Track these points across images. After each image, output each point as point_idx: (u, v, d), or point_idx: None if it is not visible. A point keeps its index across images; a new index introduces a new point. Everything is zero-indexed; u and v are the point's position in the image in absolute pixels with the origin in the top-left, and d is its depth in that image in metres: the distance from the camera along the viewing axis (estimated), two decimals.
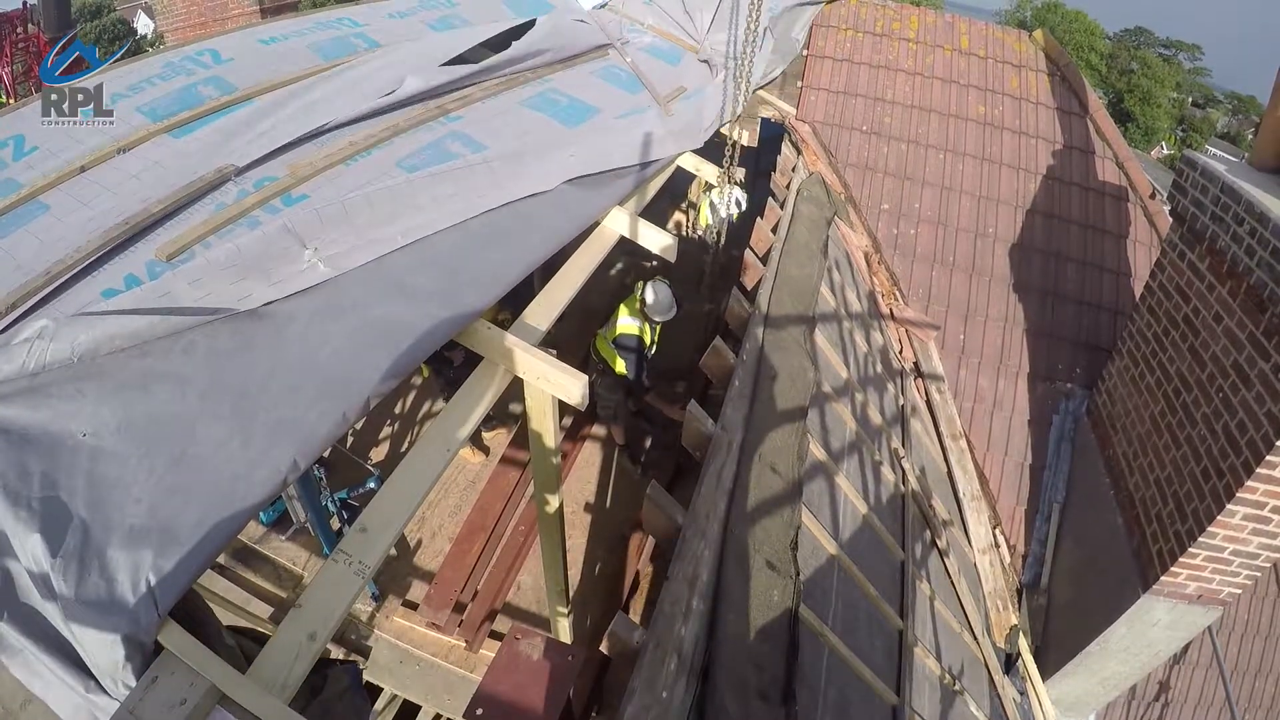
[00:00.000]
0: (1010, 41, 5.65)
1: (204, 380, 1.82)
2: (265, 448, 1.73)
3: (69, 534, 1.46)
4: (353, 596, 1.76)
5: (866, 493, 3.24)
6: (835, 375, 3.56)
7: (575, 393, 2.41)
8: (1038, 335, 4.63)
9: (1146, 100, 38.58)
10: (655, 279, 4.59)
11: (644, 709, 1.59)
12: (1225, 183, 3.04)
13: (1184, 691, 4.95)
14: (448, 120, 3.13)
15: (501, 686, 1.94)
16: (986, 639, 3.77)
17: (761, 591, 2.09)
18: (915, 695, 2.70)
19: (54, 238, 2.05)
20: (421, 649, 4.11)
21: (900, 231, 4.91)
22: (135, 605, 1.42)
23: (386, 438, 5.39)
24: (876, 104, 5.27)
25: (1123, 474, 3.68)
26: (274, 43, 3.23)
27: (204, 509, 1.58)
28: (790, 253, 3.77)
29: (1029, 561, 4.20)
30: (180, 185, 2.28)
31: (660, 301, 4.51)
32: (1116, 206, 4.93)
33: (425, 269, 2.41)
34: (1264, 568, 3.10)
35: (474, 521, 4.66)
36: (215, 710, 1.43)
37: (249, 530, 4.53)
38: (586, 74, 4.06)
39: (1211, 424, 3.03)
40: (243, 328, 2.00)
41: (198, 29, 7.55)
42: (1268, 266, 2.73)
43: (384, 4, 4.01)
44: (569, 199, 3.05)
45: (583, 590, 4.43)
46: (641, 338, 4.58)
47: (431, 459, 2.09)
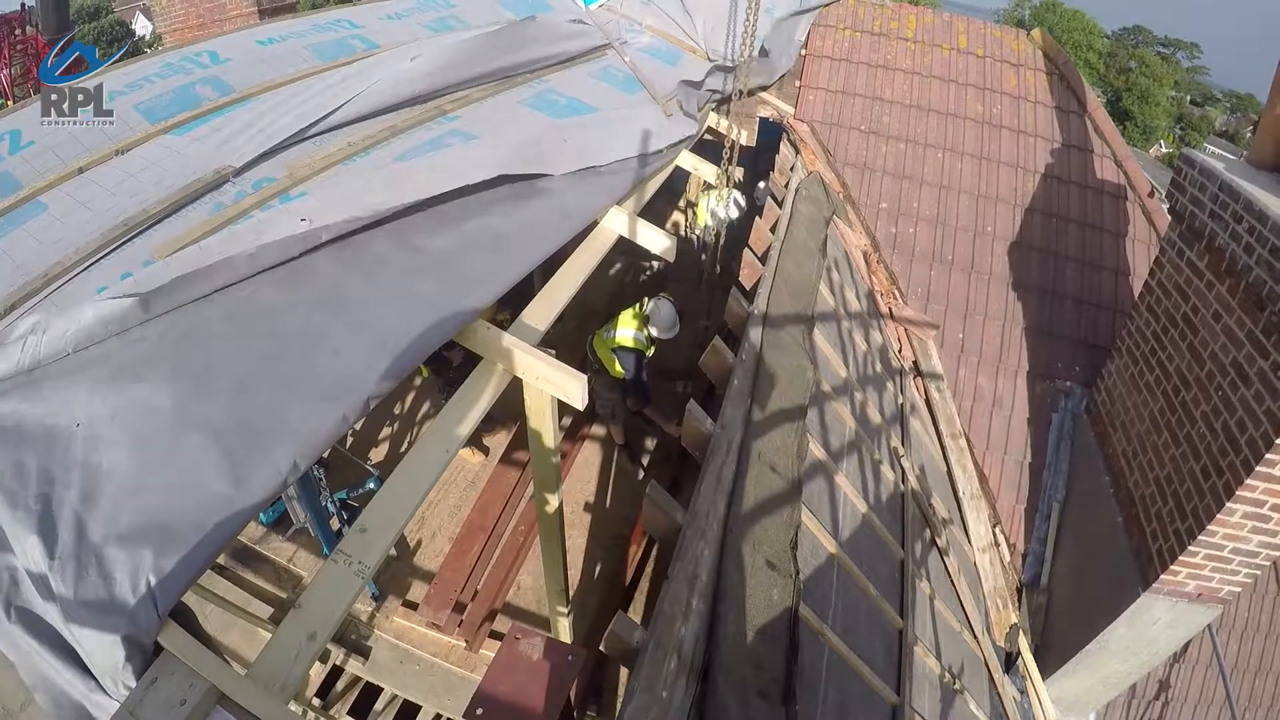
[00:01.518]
0: (1008, 40, 5.65)
1: (198, 366, 1.81)
2: (263, 442, 1.72)
3: (66, 530, 1.46)
4: (353, 596, 1.76)
5: (866, 492, 3.24)
6: (834, 374, 3.56)
7: (575, 393, 2.41)
8: (1037, 334, 4.63)
9: (1145, 98, 38.58)
10: (661, 296, 4.57)
11: (644, 709, 1.59)
12: (1224, 181, 3.04)
13: (1184, 690, 4.95)
14: (446, 120, 3.13)
15: (501, 686, 1.94)
16: (986, 638, 3.77)
17: (761, 591, 2.09)
18: (915, 694, 2.70)
19: (52, 238, 2.05)
20: (421, 649, 4.11)
21: (899, 230, 4.91)
22: (135, 606, 1.42)
23: (386, 438, 5.39)
24: (875, 103, 5.27)
25: (1122, 472, 3.68)
26: (271, 44, 3.23)
27: (202, 507, 1.57)
28: (789, 252, 3.77)
29: (1029, 560, 4.20)
30: (178, 186, 2.28)
31: (664, 319, 4.49)
32: (1115, 205, 4.93)
33: (424, 268, 2.41)
34: (1263, 566, 3.10)
35: (474, 521, 4.66)
36: (215, 710, 1.42)
37: (249, 530, 4.53)
38: (585, 74, 4.06)
39: (1211, 422, 3.03)
40: (238, 316, 1.99)
41: (196, 30, 7.55)
42: (1266, 264, 2.73)
43: (382, 5, 4.01)
44: (567, 199, 3.05)
45: (583, 590, 4.43)
46: (640, 351, 4.57)
47: (431, 459, 2.09)
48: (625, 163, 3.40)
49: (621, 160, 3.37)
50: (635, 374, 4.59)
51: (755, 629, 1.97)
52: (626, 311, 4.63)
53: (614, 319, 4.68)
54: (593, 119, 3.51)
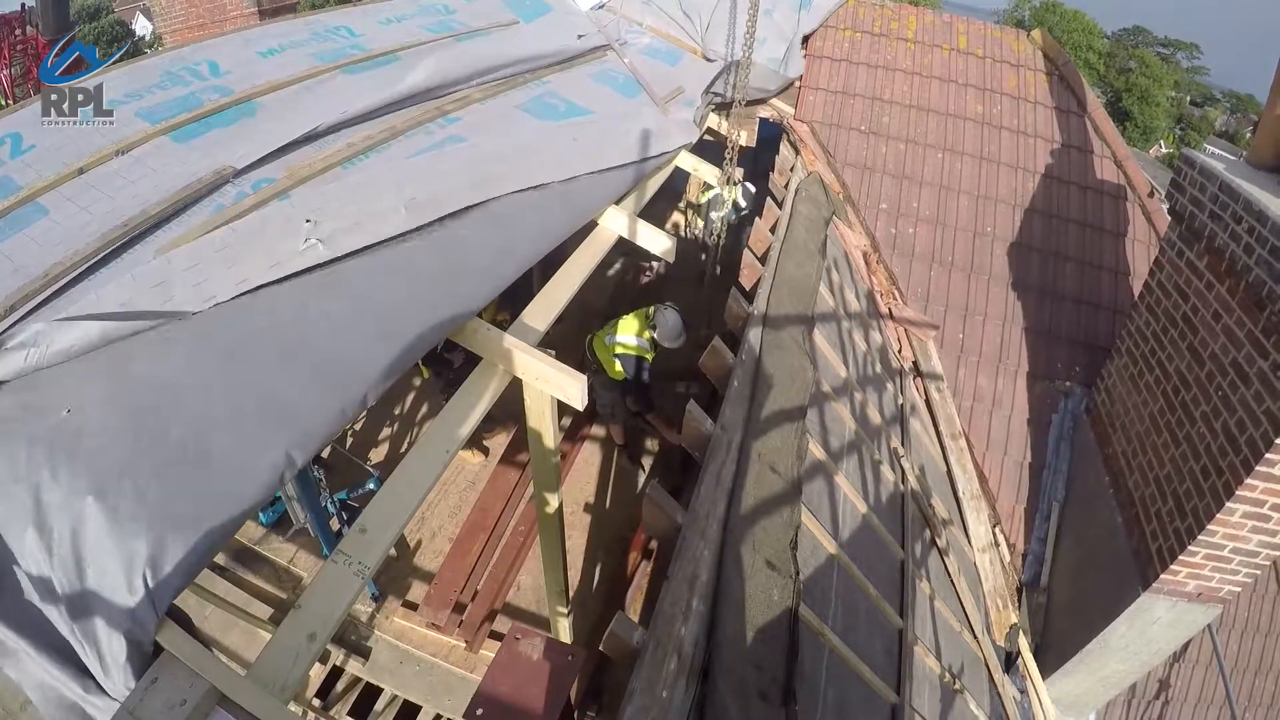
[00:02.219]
0: (1008, 41, 5.65)
1: (192, 352, 1.80)
2: (261, 436, 1.72)
3: (60, 523, 1.45)
4: (353, 597, 1.76)
5: (866, 492, 3.24)
6: (834, 375, 3.56)
7: (574, 393, 2.41)
8: (1037, 334, 4.63)
9: (1145, 99, 38.54)
10: (668, 306, 4.52)
11: (644, 709, 1.59)
12: (1223, 181, 3.04)
13: (1184, 689, 4.95)
14: (446, 122, 3.13)
15: (501, 686, 1.94)
16: (986, 637, 3.77)
17: (761, 591, 2.09)
18: (915, 694, 2.70)
19: (53, 240, 2.05)
20: (421, 649, 4.11)
21: (899, 231, 4.91)
22: (134, 606, 1.42)
23: (386, 438, 5.39)
24: (875, 103, 5.27)
25: (1122, 472, 3.68)
26: (272, 55, 3.22)
27: (199, 502, 1.57)
28: (789, 252, 3.77)
29: (1029, 560, 4.20)
30: (179, 187, 2.28)
31: (669, 330, 4.45)
32: (1115, 205, 4.93)
33: (423, 264, 2.41)
34: (1263, 565, 3.10)
35: (474, 522, 4.66)
36: (215, 710, 1.43)
37: (249, 531, 4.53)
38: (584, 76, 4.06)
39: (1210, 422, 3.03)
40: (235, 306, 2.00)
41: (196, 31, 7.56)
42: (1266, 264, 2.73)
43: (380, 9, 4.00)
44: (566, 196, 3.06)
45: (583, 590, 4.43)
46: (641, 356, 4.55)
47: (431, 459, 2.09)
48: (624, 164, 3.41)
49: (621, 165, 3.38)
50: (635, 377, 4.58)
51: (755, 629, 1.97)
52: (630, 315, 4.60)
53: (615, 321, 4.66)
54: (592, 126, 3.51)
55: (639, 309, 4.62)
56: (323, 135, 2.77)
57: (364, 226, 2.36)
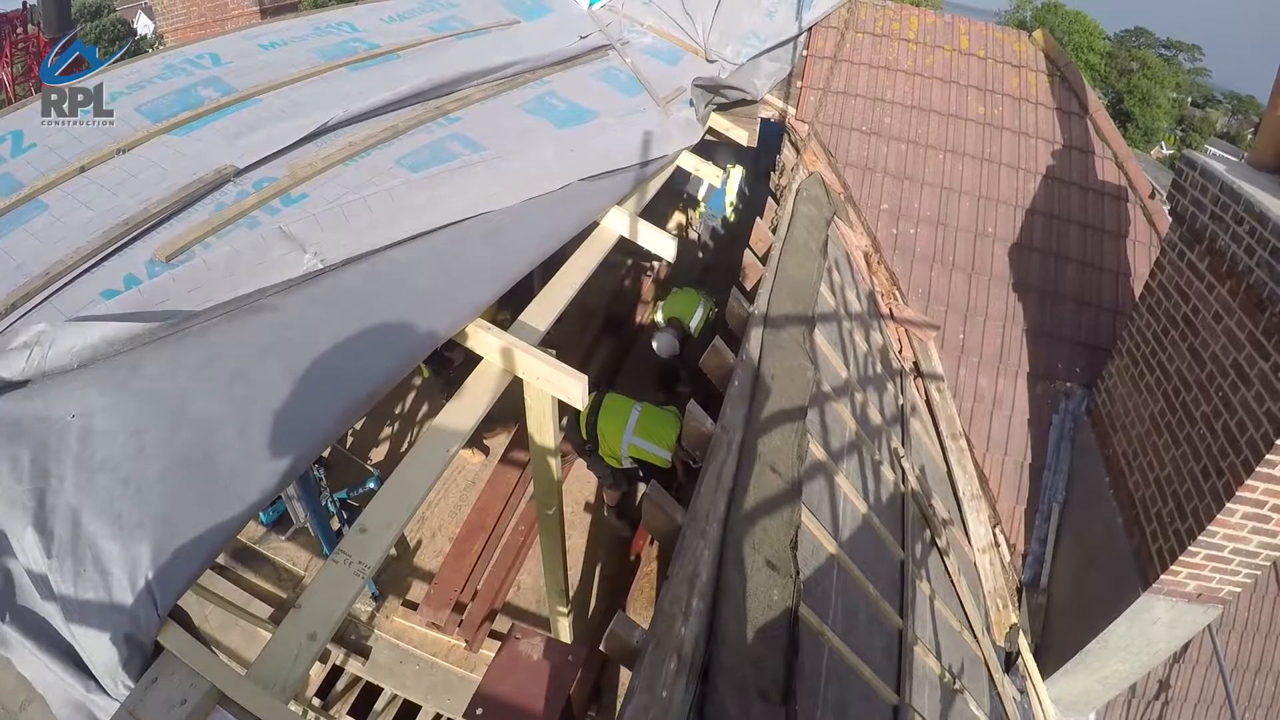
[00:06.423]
0: (1010, 42, 5.64)
1: (196, 360, 1.80)
2: (263, 437, 1.72)
3: (62, 527, 1.45)
4: (353, 596, 1.76)
5: (866, 492, 3.24)
6: (835, 375, 3.56)
7: (575, 393, 2.41)
8: (1037, 335, 4.63)
9: (1146, 100, 38.55)
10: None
11: (644, 709, 1.59)
12: (1225, 182, 3.04)
13: (1184, 690, 4.94)
14: (447, 121, 3.13)
15: (501, 686, 1.94)
16: (986, 638, 3.77)
17: (761, 591, 2.09)
18: (915, 694, 2.70)
19: (53, 237, 2.04)
20: (421, 649, 4.11)
21: (900, 231, 4.91)
22: (134, 605, 1.42)
23: (386, 438, 5.39)
24: (876, 104, 5.26)
25: (1122, 473, 3.68)
26: (274, 48, 3.22)
27: (201, 503, 1.57)
28: (790, 252, 3.77)
29: (1029, 560, 4.19)
30: (180, 185, 2.28)
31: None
32: (1116, 206, 4.93)
33: (424, 267, 2.41)
34: (1263, 566, 3.10)
35: (474, 521, 4.66)
36: (215, 710, 1.42)
37: (249, 530, 4.53)
38: (585, 76, 4.06)
39: (1211, 423, 3.03)
40: (237, 310, 2.00)
41: (198, 30, 7.55)
42: (1267, 266, 2.73)
43: (383, 6, 4.00)
44: (568, 198, 3.06)
45: (583, 590, 4.44)
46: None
47: (431, 459, 2.09)
48: (627, 166, 3.41)
49: (623, 169, 3.38)
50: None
51: (755, 629, 1.97)
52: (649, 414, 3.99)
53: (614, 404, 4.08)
54: (594, 127, 3.51)
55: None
56: (324, 134, 2.76)
57: (364, 236, 2.36)
